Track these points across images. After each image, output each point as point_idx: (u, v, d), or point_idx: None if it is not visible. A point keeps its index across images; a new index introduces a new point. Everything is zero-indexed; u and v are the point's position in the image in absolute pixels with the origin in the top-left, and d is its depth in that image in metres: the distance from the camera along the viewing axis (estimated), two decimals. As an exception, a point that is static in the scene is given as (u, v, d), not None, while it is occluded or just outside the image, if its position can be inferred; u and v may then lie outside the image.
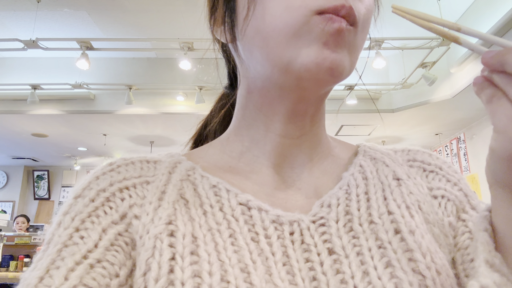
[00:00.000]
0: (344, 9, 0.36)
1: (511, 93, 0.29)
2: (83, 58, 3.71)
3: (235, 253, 0.37)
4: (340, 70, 0.38)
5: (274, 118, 0.46)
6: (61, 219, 0.40)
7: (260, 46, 0.40)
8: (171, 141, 5.99)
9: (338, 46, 0.37)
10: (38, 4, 3.58)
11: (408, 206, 0.42)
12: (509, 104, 0.29)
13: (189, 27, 3.80)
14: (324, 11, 0.36)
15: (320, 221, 0.41)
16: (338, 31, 0.37)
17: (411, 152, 0.51)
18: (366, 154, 0.50)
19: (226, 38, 0.45)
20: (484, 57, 0.31)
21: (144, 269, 0.36)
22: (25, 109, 4.65)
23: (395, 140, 5.92)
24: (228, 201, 0.41)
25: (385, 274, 0.36)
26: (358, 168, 0.47)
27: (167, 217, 0.39)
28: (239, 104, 0.49)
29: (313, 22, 0.37)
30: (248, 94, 0.47)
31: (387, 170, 0.47)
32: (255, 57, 0.42)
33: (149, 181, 0.43)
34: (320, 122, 0.49)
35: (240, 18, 0.42)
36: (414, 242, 0.39)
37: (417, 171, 0.49)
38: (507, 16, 2.87)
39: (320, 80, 0.39)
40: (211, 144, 0.52)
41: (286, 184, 0.46)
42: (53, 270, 0.35)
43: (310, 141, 0.47)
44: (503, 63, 0.29)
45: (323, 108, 0.49)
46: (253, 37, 0.40)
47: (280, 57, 0.39)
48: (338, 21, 0.36)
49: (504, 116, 0.29)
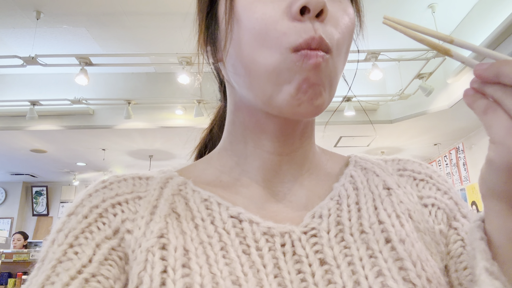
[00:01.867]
0: (314, 41, 0.37)
1: (507, 104, 0.29)
2: (82, 74, 3.73)
3: (227, 266, 0.37)
4: (319, 103, 0.39)
5: (261, 136, 0.46)
6: (54, 237, 0.40)
7: (243, 74, 0.41)
8: (170, 155, 5.98)
9: (318, 80, 0.38)
10: (37, 21, 3.61)
11: (398, 215, 0.43)
12: (506, 115, 0.29)
13: (187, 41, 3.83)
14: (298, 48, 0.37)
15: (311, 232, 0.41)
16: (315, 66, 0.37)
17: (401, 162, 0.52)
18: (357, 164, 0.50)
19: (210, 59, 0.47)
20: (477, 70, 0.31)
21: (136, 283, 0.36)
22: (24, 125, 4.65)
23: (394, 151, 5.93)
24: (220, 214, 0.42)
25: (376, 283, 0.37)
26: (349, 178, 0.48)
27: (158, 230, 0.39)
28: (228, 119, 0.50)
29: (290, 60, 0.37)
30: (236, 111, 0.48)
31: (377, 180, 0.47)
32: (238, 83, 0.43)
33: (141, 196, 0.44)
34: (310, 139, 0.49)
35: (221, 45, 0.43)
36: (404, 251, 0.39)
37: (407, 180, 0.49)
38: (502, 27, 2.90)
39: (301, 114, 0.40)
40: (201, 160, 0.53)
41: (276, 198, 0.46)
42: (48, 285, 0.35)
43: (300, 157, 0.48)
44: (498, 74, 0.29)
45: (312, 125, 0.49)
46: (235, 65, 0.41)
47: (262, 91, 0.40)
48: (314, 57, 0.37)
49: (501, 127, 0.29)
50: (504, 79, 0.29)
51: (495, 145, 0.30)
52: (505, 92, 0.29)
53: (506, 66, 0.29)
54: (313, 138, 0.50)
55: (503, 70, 0.29)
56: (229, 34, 0.41)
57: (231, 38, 0.40)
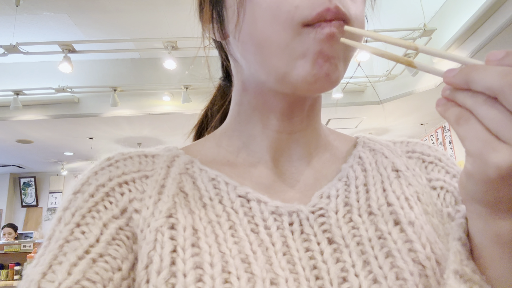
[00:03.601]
0: (330, 12, 0.35)
1: (480, 113, 0.27)
2: (65, 61, 3.65)
3: (236, 244, 0.37)
4: (335, 78, 0.38)
5: (270, 115, 0.46)
6: (61, 215, 0.40)
7: (254, 52, 0.40)
8: (159, 141, 5.95)
9: (333, 52, 0.37)
10: (17, 8, 3.51)
11: (407, 197, 0.43)
12: (480, 125, 0.27)
13: (172, 26, 3.77)
14: (310, 22, 0.36)
15: (319, 211, 0.41)
16: (329, 36, 0.36)
17: (410, 144, 0.51)
18: (365, 145, 0.50)
19: (216, 36, 0.45)
20: (447, 76, 0.29)
21: (146, 262, 0.36)
22: (8, 115, 4.56)
23: (382, 131, 5.98)
24: (227, 193, 0.42)
25: (386, 264, 0.37)
26: (357, 159, 0.47)
27: (167, 210, 0.39)
28: (235, 100, 0.49)
29: (304, 34, 0.36)
30: (243, 91, 0.47)
31: (386, 162, 0.47)
32: (249, 60, 0.42)
33: (148, 175, 0.43)
34: (317, 117, 0.49)
35: (231, 21, 0.41)
36: (414, 233, 0.39)
37: (416, 162, 0.49)
38: (485, 7, 2.91)
39: (317, 89, 0.39)
40: (207, 138, 0.52)
41: (284, 177, 0.46)
42: (56, 265, 0.35)
43: (308, 136, 0.48)
44: (468, 80, 0.27)
45: (319, 102, 0.49)
46: (246, 42, 0.40)
47: (276, 68, 0.39)
48: (328, 26, 0.35)
49: (476, 140, 0.27)
50: (475, 85, 0.27)
51: (472, 158, 0.28)
52: (476, 99, 0.27)
53: (475, 71, 0.27)
54: (320, 118, 0.50)
55: (472, 76, 0.27)
56: (241, 9, 0.39)
57: (244, 14, 0.39)
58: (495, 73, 0.26)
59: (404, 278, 0.36)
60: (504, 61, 0.26)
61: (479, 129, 0.27)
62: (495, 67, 0.26)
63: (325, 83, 0.38)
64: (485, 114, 0.26)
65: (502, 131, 0.26)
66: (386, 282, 0.36)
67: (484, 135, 0.27)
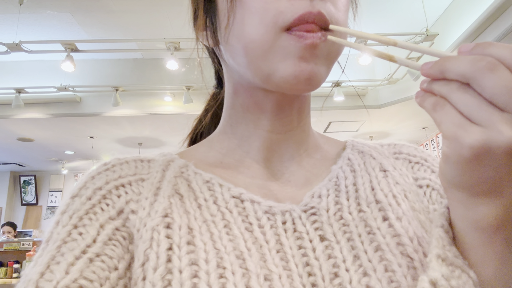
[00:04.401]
0: (311, 15, 0.37)
1: (454, 99, 0.29)
2: (68, 60, 3.66)
3: (230, 242, 0.38)
4: (317, 80, 0.40)
5: (261, 116, 0.47)
6: (59, 218, 0.41)
7: (241, 54, 0.41)
8: (160, 142, 5.95)
9: (315, 57, 0.39)
10: (21, 7, 3.52)
11: (394, 195, 0.44)
12: (454, 110, 0.29)
13: (175, 26, 3.78)
14: (291, 26, 0.38)
15: (311, 210, 0.43)
16: (311, 46, 0.38)
17: (397, 146, 0.54)
18: (354, 148, 0.52)
19: (209, 42, 0.47)
20: (424, 68, 0.32)
21: (142, 260, 0.37)
22: (10, 113, 4.57)
23: (382, 135, 5.98)
24: (222, 194, 0.43)
25: (375, 257, 0.38)
26: (347, 161, 0.49)
27: (163, 210, 0.40)
28: (227, 103, 0.51)
29: (284, 39, 0.38)
30: (234, 94, 0.49)
31: (374, 163, 0.49)
32: (238, 63, 0.43)
33: (144, 179, 0.45)
34: (307, 119, 0.51)
35: (222, 25, 0.43)
36: (402, 228, 0.41)
37: (402, 162, 0.51)
38: (488, 11, 2.92)
39: (299, 90, 0.41)
40: (201, 143, 0.54)
41: (276, 177, 0.48)
42: (53, 265, 0.36)
43: (298, 136, 0.49)
44: (442, 70, 0.30)
45: (308, 104, 0.50)
46: (234, 45, 0.42)
47: (260, 69, 0.40)
48: (310, 38, 0.37)
49: (451, 123, 0.29)
50: (449, 74, 0.29)
51: (448, 140, 0.30)
52: (450, 86, 0.30)
53: (449, 61, 0.29)
54: (309, 119, 0.51)
55: (446, 65, 0.30)
56: (232, 13, 0.41)
57: (234, 18, 0.41)
58: (466, 61, 0.28)
59: (393, 270, 0.37)
60: (474, 51, 0.29)
61: (454, 113, 0.29)
62: (466, 56, 0.29)
63: (306, 85, 0.40)
64: (458, 99, 0.29)
65: (474, 114, 0.28)
66: (376, 275, 0.37)
67: (458, 119, 0.29)
